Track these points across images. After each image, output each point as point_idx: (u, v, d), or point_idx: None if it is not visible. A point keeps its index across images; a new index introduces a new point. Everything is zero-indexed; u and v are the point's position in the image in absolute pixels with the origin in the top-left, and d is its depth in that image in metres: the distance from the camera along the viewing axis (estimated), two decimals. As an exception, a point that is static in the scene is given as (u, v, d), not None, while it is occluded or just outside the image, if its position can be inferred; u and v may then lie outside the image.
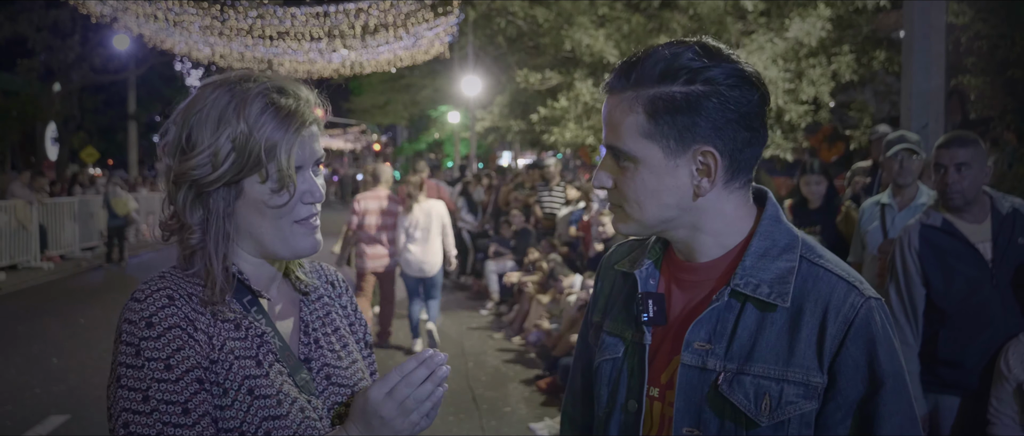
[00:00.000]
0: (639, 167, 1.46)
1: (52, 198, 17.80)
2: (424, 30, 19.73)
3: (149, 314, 1.42)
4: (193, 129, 1.46)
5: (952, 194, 3.55)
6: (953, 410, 3.62)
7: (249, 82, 1.49)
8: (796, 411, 1.41)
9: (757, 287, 1.45)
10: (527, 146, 25.04)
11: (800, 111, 11.31)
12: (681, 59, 1.42)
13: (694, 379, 1.46)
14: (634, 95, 1.45)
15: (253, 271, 1.56)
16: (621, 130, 1.46)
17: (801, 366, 1.41)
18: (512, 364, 8.57)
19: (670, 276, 1.59)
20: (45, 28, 26.18)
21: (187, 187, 1.47)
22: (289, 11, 18.93)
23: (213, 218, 1.48)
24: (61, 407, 6.99)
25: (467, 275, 14.53)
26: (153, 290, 1.45)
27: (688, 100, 1.41)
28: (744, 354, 1.44)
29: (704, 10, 11.84)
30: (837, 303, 1.42)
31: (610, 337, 1.62)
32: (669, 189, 1.46)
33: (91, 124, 34.17)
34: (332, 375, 1.60)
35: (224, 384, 1.44)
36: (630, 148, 1.46)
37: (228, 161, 1.44)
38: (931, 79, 7.04)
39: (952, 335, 3.57)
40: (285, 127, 1.46)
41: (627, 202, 1.50)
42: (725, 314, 1.47)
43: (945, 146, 3.58)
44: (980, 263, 3.53)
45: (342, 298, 1.76)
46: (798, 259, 1.47)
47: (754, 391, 1.42)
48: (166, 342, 1.41)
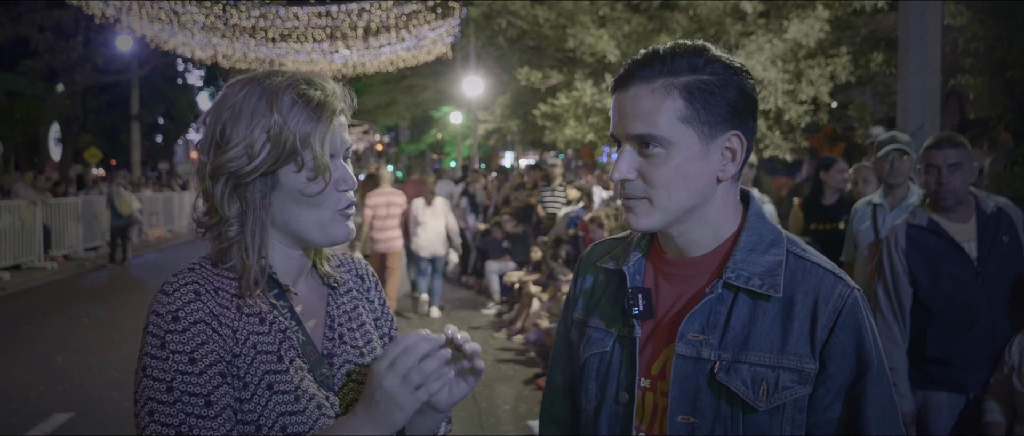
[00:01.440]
0: (673, 152, 1.50)
1: (56, 198, 17.87)
2: (426, 31, 19.79)
3: (176, 308, 1.45)
4: (226, 125, 1.50)
5: (945, 194, 3.60)
6: (941, 406, 3.68)
7: (276, 76, 1.53)
8: (791, 396, 1.49)
9: (749, 279, 1.52)
10: (528, 146, 25.09)
11: (799, 111, 11.36)
12: (707, 53, 1.52)
13: (689, 369, 1.52)
14: (667, 82, 1.50)
15: (282, 263, 1.59)
16: (656, 116, 1.49)
17: (795, 353, 1.49)
18: (512, 363, 8.63)
19: (657, 271, 1.64)
20: (48, 29, 26.28)
21: (224, 180, 1.50)
22: (292, 12, 18.99)
23: (250, 210, 1.51)
24: (65, 405, 7.06)
25: (468, 275, 14.58)
26: (181, 284, 1.48)
27: (719, 87, 1.51)
28: (738, 343, 1.51)
29: (704, 11, 11.89)
30: (826, 293, 1.51)
31: (597, 332, 1.67)
32: (699, 174, 1.52)
33: (94, 125, 34.24)
34: (353, 372, 1.62)
35: (245, 378, 1.48)
36: (666, 133, 1.49)
37: (264, 151, 1.48)
38: (927, 80, 7.08)
39: (939, 333, 3.62)
40: (316, 117, 1.49)
41: (656, 190, 1.52)
42: (717, 306, 1.54)
43: (937, 147, 3.62)
44: (966, 262, 3.59)
45: (370, 292, 1.77)
46: (785, 253, 1.56)
47: (751, 378, 1.49)
48: (191, 336, 1.44)
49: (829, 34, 11.10)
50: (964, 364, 3.62)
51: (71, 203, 18.24)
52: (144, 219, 21.04)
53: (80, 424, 6.62)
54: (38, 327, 10.72)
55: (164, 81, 39.28)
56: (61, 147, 29.97)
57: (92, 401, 7.16)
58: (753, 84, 1.56)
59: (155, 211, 23.96)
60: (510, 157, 34.73)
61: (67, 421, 6.68)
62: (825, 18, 10.87)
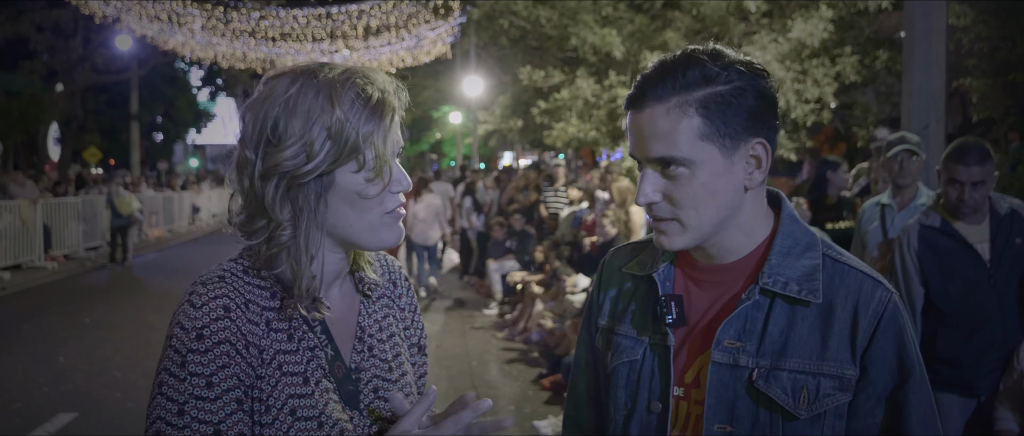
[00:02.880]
0: (696, 171, 1.45)
1: (56, 198, 17.84)
2: (426, 31, 19.77)
3: (202, 325, 1.38)
4: (279, 120, 1.41)
5: (965, 209, 3.57)
6: (952, 407, 3.67)
7: (330, 70, 1.45)
8: (832, 403, 1.46)
9: (786, 284, 1.49)
10: (528, 146, 25.08)
11: (805, 110, 11.36)
12: (721, 58, 1.46)
13: (726, 376, 1.49)
14: (682, 100, 1.44)
15: (321, 267, 1.51)
16: (674, 137, 1.44)
17: (835, 360, 1.46)
18: (515, 363, 8.62)
19: (688, 277, 1.61)
20: (47, 29, 26.27)
21: (277, 181, 1.42)
22: (291, 12, 18.97)
23: (305, 212, 1.43)
24: (69, 405, 7.04)
25: (471, 275, 14.58)
26: (211, 297, 1.41)
27: (736, 96, 1.45)
28: (776, 350, 1.48)
29: (707, 11, 11.88)
30: (866, 298, 1.48)
31: (626, 340, 1.63)
32: (725, 188, 1.48)
33: (93, 124, 34.22)
34: (380, 388, 1.56)
35: (268, 401, 1.42)
36: (687, 153, 1.44)
37: (324, 150, 1.40)
38: (932, 80, 7.07)
39: (950, 334, 3.62)
40: (378, 116, 1.43)
41: (683, 210, 1.47)
42: (753, 312, 1.50)
43: (963, 163, 3.52)
44: (978, 263, 3.58)
45: (401, 299, 1.71)
46: (821, 256, 1.52)
47: (791, 385, 1.46)
48: (212, 358, 1.38)
49: (833, 34, 11.09)
50: (974, 365, 3.61)
51: (71, 203, 18.22)
52: (144, 219, 21.00)
53: (84, 424, 6.60)
54: (39, 327, 10.70)
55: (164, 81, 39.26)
56: (60, 147, 29.96)
57: (96, 401, 7.15)
58: (772, 84, 1.51)
59: (155, 211, 23.92)
60: (510, 157, 34.72)
61: (71, 421, 6.67)
62: (829, 18, 10.86)
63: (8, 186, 17.04)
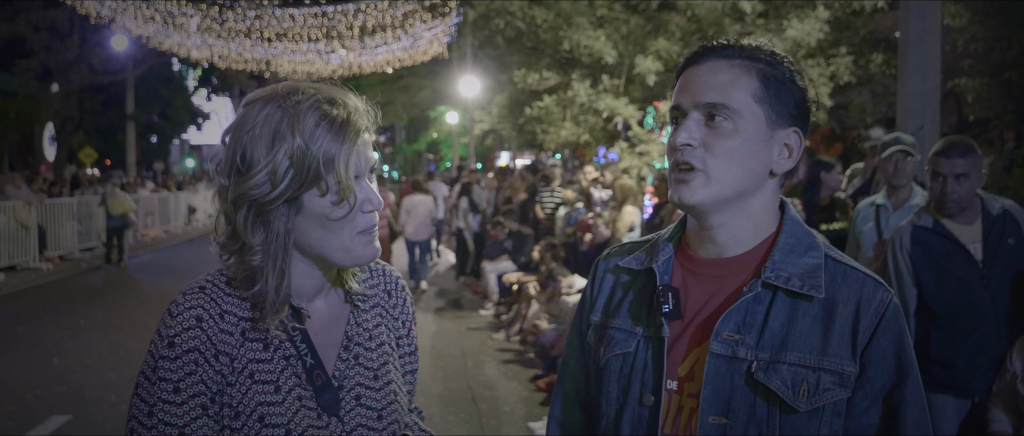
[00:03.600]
0: (741, 127, 1.49)
1: (51, 199, 17.80)
2: (422, 31, 19.76)
3: (173, 334, 1.46)
4: (247, 147, 1.45)
5: (949, 203, 3.58)
6: (946, 408, 3.66)
7: (297, 95, 1.47)
8: (831, 398, 1.47)
9: (789, 279, 1.50)
10: (525, 147, 25.08)
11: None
12: (779, 54, 1.55)
13: (723, 368, 1.49)
14: (746, 63, 1.51)
15: (301, 281, 1.55)
16: (731, 88, 1.49)
17: (836, 356, 1.47)
18: (511, 364, 8.61)
19: (686, 271, 1.61)
20: (43, 29, 26.20)
21: (247, 207, 1.46)
22: (287, 12, 18.95)
23: (275, 238, 1.48)
24: (62, 407, 7.02)
25: (467, 275, 14.57)
26: (186, 307, 1.48)
27: (792, 81, 1.54)
28: (776, 344, 1.48)
29: (702, 11, 11.87)
30: (868, 297, 1.50)
31: (620, 333, 1.63)
32: (758, 158, 1.51)
33: (89, 124, 34.15)
34: (363, 396, 1.58)
35: (237, 407, 1.47)
36: (739, 105, 1.49)
37: (288, 177, 1.43)
38: (927, 80, 7.07)
39: (944, 335, 3.62)
40: (341, 138, 1.45)
41: (716, 160, 1.49)
42: (754, 306, 1.51)
43: (945, 155, 3.58)
44: (971, 264, 3.58)
45: (396, 309, 1.73)
46: (824, 257, 1.55)
47: (791, 378, 1.46)
48: (181, 365, 1.45)
49: (828, 34, 11.10)
50: (968, 366, 3.61)
51: (66, 203, 18.18)
52: (139, 219, 20.96)
53: (78, 426, 6.58)
54: (34, 329, 10.67)
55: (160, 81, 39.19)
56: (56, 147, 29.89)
57: (89, 403, 7.12)
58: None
59: (150, 211, 23.88)
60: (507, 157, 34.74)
61: (65, 423, 6.65)
62: (824, 18, 10.86)
63: (4, 187, 17.00)
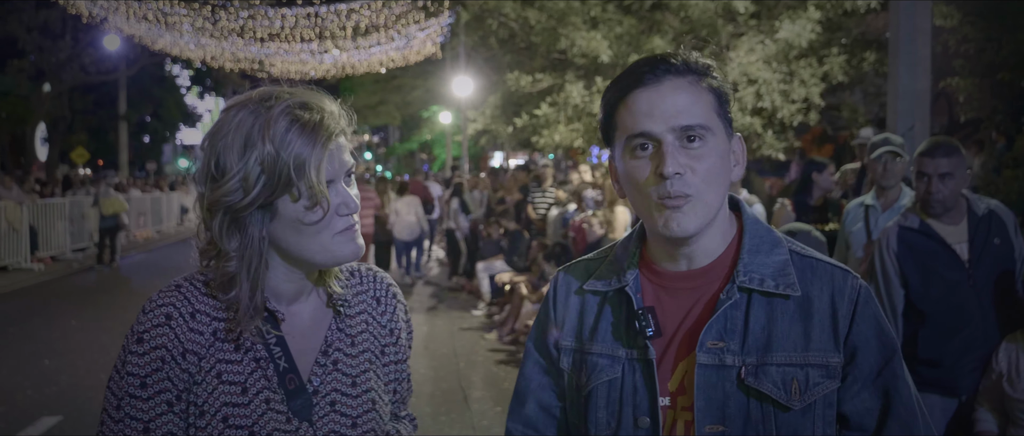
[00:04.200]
0: (713, 145, 1.49)
1: (43, 199, 17.74)
2: (415, 31, 19.76)
3: (143, 330, 1.48)
4: (221, 154, 1.45)
5: (934, 203, 3.61)
6: (933, 408, 3.68)
7: (271, 100, 1.46)
8: (822, 392, 1.49)
9: (762, 281, 1.52)
10: (518, 147, 25.09)
11: (792, 110, 11.39)
12: (704, 60, 1.55)
13: (713, 378, 1.49)
14: (697, 79, 1.51)
15: (280, 284, 1.55)
16: (698, 107, 1.48)
17: (819, 349, 1.49)
18: (504, 364, 8.61)
19: (656, 286, 1.60)
20: (35, 29, 26.14)
21: (222, 214, 1.46)
22: (280, 12, 18.93)
23: (249, 243, 1.48)
24: (53, 409, 7.00)
25: (459, 276, 14.56)
26: (158, 305, 1.50)
27: (727, 92, 1.56)
28: (761, 346, 1.49)
29: (695, 12, 11.90)
30: (840, 286, 1.52)
31: (602, 359, 1.60)
32: (726, 171, 1.52)
33: (81, 124, 34.06)
34: (338, 402, 1.57)
35: (202, 406, 1.48)
36: (709, 123, 1.48)
37: (259, 184, 1.43)
38: (917, 81, 7.11)
39: (931, 335, 3.63)
40: (312, 142, 1.44)
41: (704, 184, 1.48)
42: (732, 312, 1.51)
43: (929, 155, 3.60)
44: (957, 264, 3.59)
45: (384, 317, 1.70)
46: (788, 252, 1.56)
47: (781, 378, 1.48)
48: (148, 361, 1.47)
49: (820, 35, 11.13)
50: (955, 366, 3.62)
51: (58, 204, 18.10)
52: (132, 220, 20.91)
53: (68, 427, 6.56)
54: (25, 330, 10.63)
55: (152, 81, 39.10)
56: (48, 147, 29.82)
57: (80, 404, 7.10)
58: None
59: (143, 211, 23.81)
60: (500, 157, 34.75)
61: (55, 425, 6.63)
62: (816, 19, 10.89)
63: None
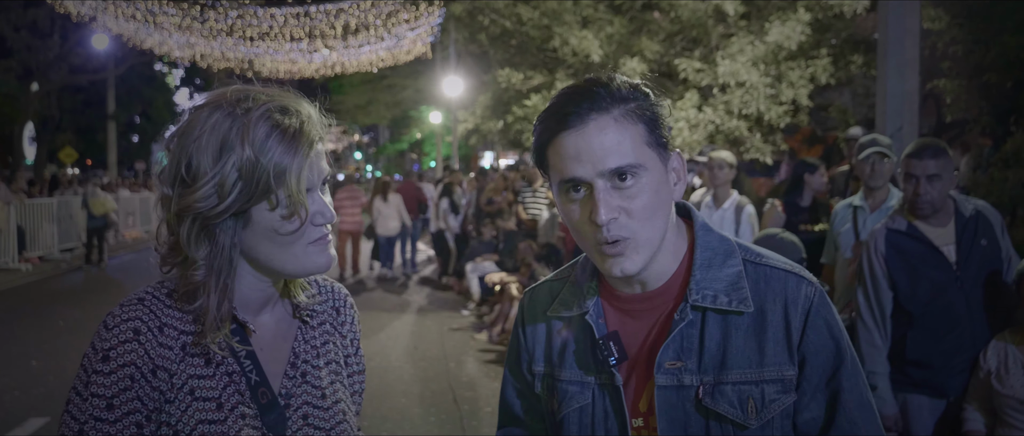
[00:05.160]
0: (646, 179, 1.45)
1: (31, 199, 17.65)
2: (405, 30, 19.73)
3: (108, 347, 1.38)
4: (193, 156, 1.37)
5: (922, 204, 3.62)
6: (922, 409, 3.70)
7: (248, 102, 1.40)
8: (779, 407, 1.48)
9: (715, 298, 1.50)
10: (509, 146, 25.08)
11: (779, 112, 11.41)
12: (630, 81, 1.50)
13: (673, 398, 1.50)
14: (622, 111, 1.45)
15: (248, 292, 1.49)
16: (626, 144, 1.43)
17: (774, 364, 1.48)
18: (493, 364, 8.60)
19: (617, 310, 1.59)
20: (23, 27, 25.99)
21: (191, 221, 1.39)
22: (269, 11, 18.87)
23: (218, 251, 1.41)
24: (40, 410, 6.96)
25: (449, 276, 14.55)
26: (123, 319, 1.40)
27: (658, 111, 1.49)
28: (717, 364, 1.49)
29: (685, 13, 11.91)
30: (793, 296, 1.50)
31: (572, 386, 1.60)
32: (666, 199, 1.49)
33: (70, 124, 33.88)
34: (310, 415, 1.52)
35: (177, 426, 1.40)
36: (641, 159, 1.44)
37: (235, 191, 1.36)
38: (905, 82, 7.14)
39: (919, 336, 3.65)
40: (293, 150, 1.38)
41: (640, 224, 1.45)
42: (688, 331, 1.51)
43: (916, 157, 3.61)
44: (945, 266, 3.61)
45: (344, 327, 1.67)
46: (742, 263, 1.54)
47: (737, 398, 1.47)
48: (115, 380, 1.37)
49: (809, 36, 11.16)
50: (944, 367, 3.64)
51: (46, 204, 18.01)
52: (120, 220, 20.81)
53: (56, 428, 6.47)
54: (12, 330, 10.57)
55: (141, 80, 38.93)
56: (36, 147, 29.66)
57: (68, 405, 7.06)
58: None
59: (131, 211, 23.71)
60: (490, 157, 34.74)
61: (42, 426, 6.59)
62: (806, 21, 10.92)
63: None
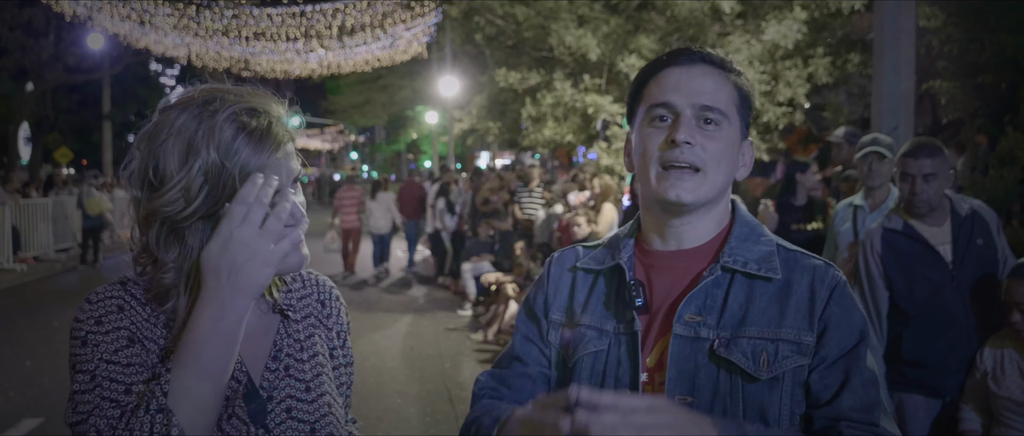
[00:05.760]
0: (727, 131, 1.58)
1: (25, 199, 17.60)
2: (402, 30, 19.71)
3: (99, 314, 1.40)
4: (160, 160, 1.37)
5: (919, 204, 3.62)
6: (917, 408, 3.69)
7: (215, 103, 1.39)
8: (790, 365, 1.52)
9: (746, 263, 1.58)
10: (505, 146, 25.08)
11: (777, 113, 11.42)
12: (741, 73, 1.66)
13: (687, 349, 1.54)
14: (725, 75, 1.61)
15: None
16: (721, 94, 1.59)
17: (793, 327, 1.54)
18: (489, 364, 8.57)
19: (645, 266, 1.66)
20: (18, 27, 25.88)
21: (160, 224, 1.39)
22: (265, 11, 18.83)
23: (188, 254, 1.40)
24: (34, 410, 6.94)
25: (445, 276, 14.52)
26: (107, 296, 1.43)
27: (751, 95, 1.66)
28: (736, 322, 1.55)
29: (682, 12, 11.91)
30: (821, 275, 1.58)
31: (590, 331, 1.65)
32: (734, 162, 1.62)
33: (65, 124, 33.78)
34: (293, 409, 1.51)
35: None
36: (728, 110, 1.59)
37: (202, 194, 1.36)
38: (901, 82, 7.13)
39: (915, 336, 3.64)
40: (260, 151, 1.38)
41: (712, 161, 1.56)
42: (713, 289, 1.57)
43: (912, 156, 3.62)
44: (941, 265, 3.60)
45: (329, 319, 1.67)
46: (775, 245, 1.64)
47: (751, 350, 1.52)
48: (114, 338, 1.39)
49: (806, 35, 11.16)
50: (940, 366, 3.64)
51: (41, 204, 17.96)
52: (116, 220, 20.75)
53: (50, 429, 6.51)
54: (6, 331, 10.54)
55: (136, 80, 38.83)
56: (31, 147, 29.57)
57: (62, 406, 6.99)
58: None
59: (127, 211, 23.63)
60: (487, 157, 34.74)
61: (36, 427, 6.57)
62: (802, 19, 10.92)
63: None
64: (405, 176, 24.53)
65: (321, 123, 46.27)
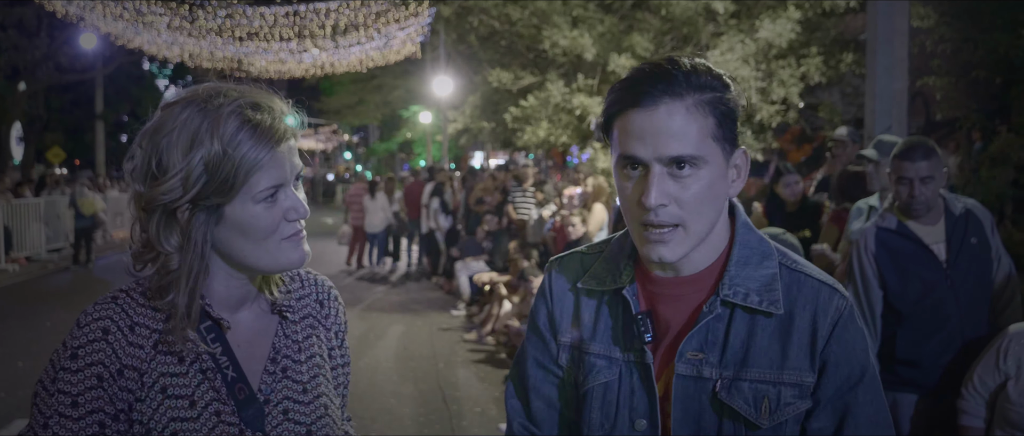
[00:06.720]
0: (704, 172, 1.44)
1: (18, 199, 17.55)
2: (395, 30, 19.68)
3: (77, 346, 1.41)
4: (163, 152, 1.38)
5: (917, 206, 3.61)
6: (911, 407, 3.69)
7: (220, 98, 1.41)
8: (793, 411, 1.49)
9: (747, 296, 1.50)
10: (499, 146, 25.06)
11: (771, 111, 11.42)
12: (713, 69, 1.48)
13: (690, 388, 1.51)
14: (696, 100, 1.44)
15: (223, 290, 1.49)
16: (690, 136, 1.42)
17: (795, 368, 1.49)
18: (483, 364, 8.58)
19: (649, 293, 1.59)
20: (10, 26, 25.81)
21: (159, 213, 1.40)
22: (259, 11, 18.78)
23: (189, 246, 1.41)
24: (26, 411, 6.88)
25: (438, 276, 14.51)
26: (94, 319, 1.42)
27: (731, 104, 1.48)
28: (738, 361, 1.49)
29: (676, 12, 11.91)
30: (824, 306, 1.50)
31: (599, 359, 1.60)
32: (721, 193, 1.49)
33: (57, 124, 33.68)
34: (290, 410, 1.52)
35: (148, 424, 1.41)
36: (702, 151, 1.43)
37: (200, 182, 1.37)
38: (895, 81, 7.13)
39: (909, 335, 3.64)
40: (262, 145, 1.39)
41: (689, 214, 1.45)
42: (714, 324, 1.51)
43: (909, 159, 3.58)
44: (935, 264, 3.60)
45: (328, 320, 1.67)
46: (777, 266, 1.54)
47: (753, 396, 1.48)
48: (81, 378, 1.39)
49: (800, 35, 11.17)
50: (933, 366, 3.63)
51: (33, 204, 17.90)
52: (109, 220, 20.68)
53: (41, 431, 6.47)
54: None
55: (129, 80, 38.75)
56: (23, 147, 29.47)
57: (54, 407, 7.01)
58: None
59: (120, 211, 23.55)
60: (480, 157, 34.69)
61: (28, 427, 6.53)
62: (796, 19, 10.93)
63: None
64: (400, 176, 24.47)
65: (315, 123, 46.15)
